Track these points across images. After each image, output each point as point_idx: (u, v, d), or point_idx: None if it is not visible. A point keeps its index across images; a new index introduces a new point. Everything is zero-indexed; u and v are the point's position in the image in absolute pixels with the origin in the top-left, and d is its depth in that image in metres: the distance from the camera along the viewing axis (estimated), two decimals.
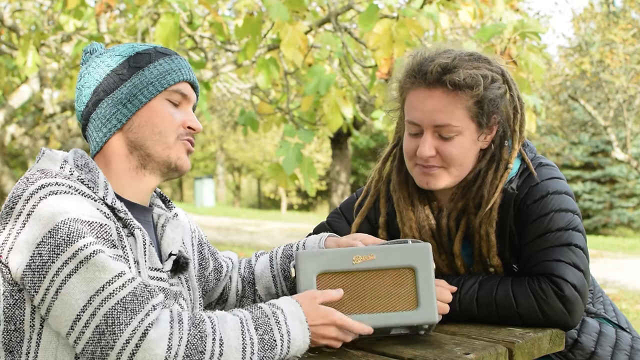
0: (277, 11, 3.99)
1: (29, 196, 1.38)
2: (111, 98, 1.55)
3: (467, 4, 4.52)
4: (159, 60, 1.58)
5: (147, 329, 1.28)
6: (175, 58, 1.61)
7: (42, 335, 1.38)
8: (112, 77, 1.55)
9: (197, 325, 1.33)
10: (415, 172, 1.87)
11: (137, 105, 1.54)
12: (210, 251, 1.87)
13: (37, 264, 1.33)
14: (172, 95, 1.57)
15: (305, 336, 1.44)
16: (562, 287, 1.69)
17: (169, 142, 1.56)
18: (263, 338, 1.38)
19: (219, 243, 12.62)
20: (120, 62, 1.56)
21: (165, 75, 1.56)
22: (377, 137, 24.38)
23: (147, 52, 1.59)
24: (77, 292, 1.31)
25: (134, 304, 1.31)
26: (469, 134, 1.80)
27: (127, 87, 1.55)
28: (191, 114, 1.62)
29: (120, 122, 1.54)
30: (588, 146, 21.65)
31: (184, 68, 1.60)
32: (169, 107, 1.57)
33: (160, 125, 1.55)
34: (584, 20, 16.92)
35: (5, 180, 7.05)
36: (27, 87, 6.47)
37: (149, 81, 1.55)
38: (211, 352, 1.32)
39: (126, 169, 1.56)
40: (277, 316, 1.42)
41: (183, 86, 1.59)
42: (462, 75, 1.75)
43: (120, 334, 1.28)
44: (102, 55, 1.59)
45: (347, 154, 16.19)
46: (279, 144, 4.45)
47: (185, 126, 1.58)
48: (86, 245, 1.33)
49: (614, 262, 11.06)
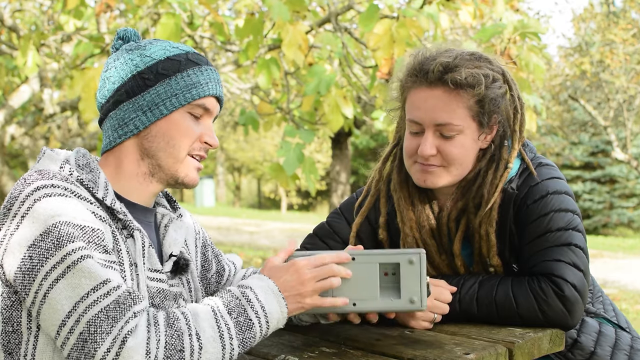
0: (278, 11, 3.99)
1: (25, 198, 1.38)
2: (133, 102, 1.52)
3: (467, 4, 4.53)
4: (187, 71, 1.53)
5: (126, 337, 1.28)
6: (206, 69, 1.56)
7: (39, 339, 1.38)
8: (137, 80, 1.52)
9: (172, 325, 1.33)
10: (413, 169, 1.87)
11: (158, 116, 1.52)
12: (214, 253, 1.86)
13: (27, 267, 1.33)
14: (195, 109, 1.54)
15: (281, 306, 1.42)
16: (562, 287, 1.70)
17: (180, 156, 1.54)
18: (238, 321, 1.38)
19: (219, 243, 12.62)
20: (149, 65, 1.53)
21: (192, 89, 1.53)
22: (377, 137, 24.37)
23: (178, 58, 1.54)
24: (63, 298, 1.31)
25: (116, 312, 1.30)
26: (470, 133, 1.80)
27: (151, 95, 1.52)
28: (210, 129, 1.58)
29: (137, 129, 1.52)
30: (588, 146, 21.64)
31: (212, 81, 1.56)
32: (189, 121, 1.54)
33: (176, 138, 1.53)
34: (584, 20, 16.91)
35: (5, 180, 7.05)
36: (27, 87, 6.47)
37: (173, 92, 1.52)
38: (190, 348, 1.31)
39: (134, 173, 1.55)
40: (247, 295, 1.41)
41: (208, 100, 1.56)
42: (463, 74, 1.75)
43: (102, 342, 1.28)
44: (132, 52, 1.55)
45: (347, 154, 16.18)
46: (280, 144, 4.44)
47: (202, 141, 1.56)
48: (74, 250, 1.32)
49: (614, 262, 11.06)
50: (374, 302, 1.50)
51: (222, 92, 1.61)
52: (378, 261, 1.51)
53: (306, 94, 4.46)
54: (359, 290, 1.50)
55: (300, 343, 1.63)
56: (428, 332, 1.69)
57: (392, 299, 1.50)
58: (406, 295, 1.50)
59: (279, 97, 6.08)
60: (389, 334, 1.67)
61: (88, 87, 4.33)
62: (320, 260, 1.47)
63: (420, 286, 1.49)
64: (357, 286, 1.50)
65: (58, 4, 5.59)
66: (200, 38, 5.63)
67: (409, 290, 1.50)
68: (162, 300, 1.52)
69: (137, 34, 1.62)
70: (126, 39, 1.60)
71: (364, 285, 1.50)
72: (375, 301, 1.50)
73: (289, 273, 1.46)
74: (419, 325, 1.72)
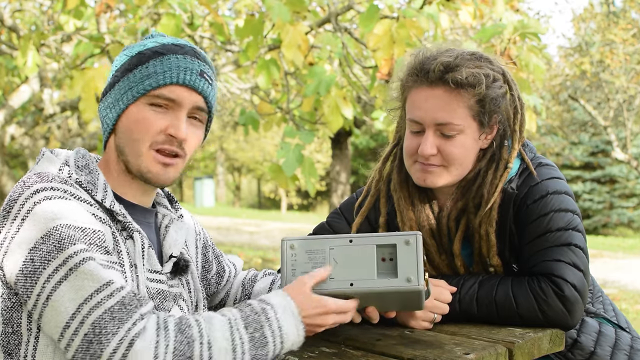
0: (278, 12, 3.99)
1: (24, 200, 1.38)
2: (104, 101, 1.55)
3: (467, 4, 4.53)
4: (149, 62, 1.50)
5: (134, 339, 1.27)
6: (169, 58, 1.50)
7: (39, 340, 1.38)
8: (111, 79, 1.54)
9: (184, 331, 1.31)
10: (413, 169, 1.87)
11: (118, 111, 1.51)
12: (215, 254, 1.86)
13: (29, 270, 1.33)
14: (155, 100, 1.48)
15: (299, 329, 1.41)
16: (562, 287, 1.70)
17: (140, 150, 1.49)
18: (253, 336, 1.36)
19: (219, 243, 12.62)
20: (122, 63, 1.54)
21: (146, 79, 1.48)
22: (377, 137, 24.37)
23: (146, 52, 1.52)
24: (67, 300, 1.30)
25: (121, 313, 1.29)
26: (470, 133, 1.81)
27: (115, 91, 1.52)
28: (178, 120, 1.49)
29: (108, 126, 1.53)
30: (588, 146, 21.64)
31: (174, 69, 1.49)
32: (148, 113, 1.48)
33: (135, 131, 1.49)
34: (584, 21, 16.91)
35: (5, 180, 7.05)
36: (27, 87, 6.47)
37: (130, 86, 1.50)
38: (200, 356, 1.30)
39: (119, 172, 1.55)
40: (267, 312, 1.39)
41: (169, 90, 1.48)
42: (464, 73, 1.75)
43: (108, 343, 1.27)
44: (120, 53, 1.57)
45: (347, 154, 16.18)
46: (280, 145, 4.44)
47: (166, 133, 1.49)
48: (77, 252, 1.32)
49: (614, 262, 11.06)
50: (371, 282, 1.52)
51: (197, 80, 1.50)
52: (375, 243, 1.54)
53: (306, 95, 4.45)
54: (356, 272, 1.52)
55: None
56: (428, 332, 1.69)
57: (389, 279, 1.52)
58: (403, 275, 1.51)
59: (279, 97, 6.08)
60: (389, 334, 1.67)
61: (88, 87, 4.34)
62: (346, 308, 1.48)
63: (417, 266, 1.51)
64: (355, 268, 1.53)
65: (58, 4, 5.59)
66: (200, 38, 5.63)
67: (406, 270, 1.52)
68: (162, 301, 1.52)
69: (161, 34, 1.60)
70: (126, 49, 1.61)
71: (361, 267, 1.53)
72: (372, 281, 1.52)
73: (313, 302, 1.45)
74: (419, 325, 1.72)
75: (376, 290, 1.52)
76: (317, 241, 1.56)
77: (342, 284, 1.52)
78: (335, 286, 1.51)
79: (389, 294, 1.53)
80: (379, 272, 1.53)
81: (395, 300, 1.59)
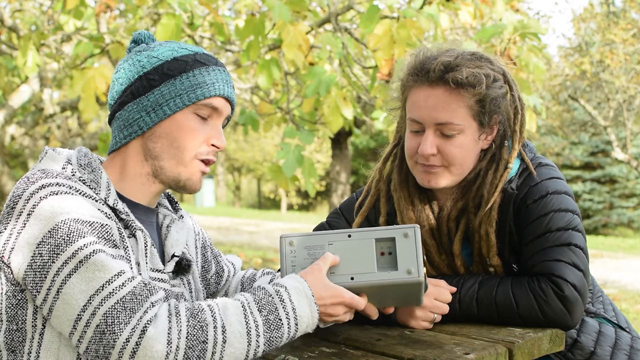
0: (279, 12, 3.99)
1: (29, 196, 1.38)
2: (137, 103, 1.52)
3: (467, 4, 4.53)
4: (194, 70, 1.52)
5: (146, 326, 1.28)
6: (214, 69, 1.54)
7: (44, 336, 1.38)
8: (143, 81, 1.52)
9: (196, 316, 1.32)
10: (416, 170, 1.87)
11: (161, 116, 1.51)
12: (213, 254, 1.87)
13: (38, 264, 1.34)
14: (201, 110, 1.52)
15: (313, 311, 1.42)
16: (562, 287, 1.70)
17: (184, 159, 1.52)
18: (268, 319, 1.37)
19: (219, 243, 12.62)
20: (155, 66, 1.52)
21: (197, 89, 1.51)
22: (377, 137, 24.37)
23: (185, 58, 1.53)
24: (77, 292, 1.31)
25: (133, 303, 1.30)
26: (471, 133, 1.81)
27: (155, 95, 1.51)
28: (218, 130, 1.55)
29: (141, 129, 1.52)
30: (588, 146, 21.64)
31: (219, 82, 1.54)
32: (195, 122, 1.52)
33: (180, 140, 1.51)
34: (584, 21, 16.91)
35: (5, 180, 7.05)
36: (27, 87, 6.47)
37: (177, 92, 1.50)
38: (214, 340, 1.31)
39: (138, 174, 1.55)
40: (281, 294, 1.40)
41: (215, 100, 1.53)
42: (464, 73, 1.75)
43: (120, 333, 1.27)
44: (141, 54, 1.55)
45: (347, 154, 16.18)
46: (280, 146, 4.44)
47: (208, 143, 1.54)
48: (86, 244, 1.33)
49: (614, 262, 11.06)
50: (371, 275, 1.52)
51: (232, 93, 1.58)
52: (374, 237, 1.54)
53: (306, 95, 4.45)
54: (356, 266, 1.53)
55: (300, 343, 1.63)
56: (428, 332, 1.69)
57: (390, 272, 1.52)
58: (403, 267, 1.52)
59: (279, 97, 6.08)
60: (389, 334, 1.67)
61: (88, 87, 4.34)
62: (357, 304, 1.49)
63: (416, 258, 1.52)
64: (355, 262, 1.53)
65: (58, 4, 5.59)
66: (200, 38, 5.63)
67: (406, 262, 1.52)
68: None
69: (151, 37, 1.61)
70: (139, 42, 1.60)
71: (361, 261, 1.53)
72: (373, 274, 1.52)
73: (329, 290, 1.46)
74: (419, 325, 1.72)
75: (377, 283, 1.53)
76: (316, 237, 1.56)
77: (342, 278, 1.52)
78: (336, 281, 1.51)
79: (390, 287, 1.54)
80: (379, 265, 1.53)
81: (395, 294, 1.59)
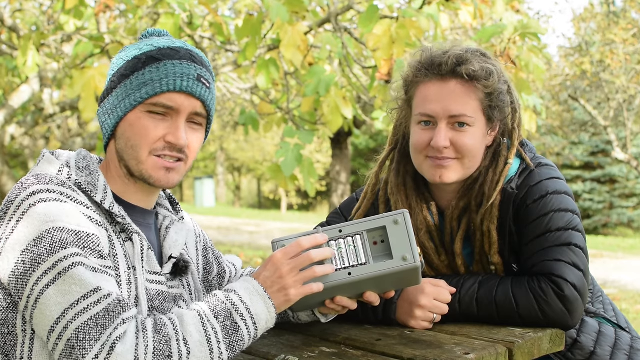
0: (277, 12, 3.99)
1: (21, 202, 1.38)
2: (102, 107, 1.55)
3: (467, 5, 4.53)
4: (146, 68, 1.48)
5: (115, 343, 1.28)
6: (165, 64, 1.48)
7: (35, 341, 1.38)
8: (109, 84, 1.53)
9: (160, 331, 1.33)
10: (426, 165, 1.86)
11: (116, 118, 1.51)
12: (215, 255, 1.86)
13: (20, 271, 1.34)
14: (153, 108, 1.48)
15: (268, 306, 1.42)
16: (562, 287, 1.70)
17: (141, 157, 1.49)
18: (225, 324, 1.38)
19: (219, 243, 12.62)
20: (118, 67, 1.52)
21: (142, 88, 1.47)
22: (377, 137, 24.37)
23: (141, 56, 1.50)
24: (53, 304, 1.31)
25: (105, 320, 1.30)
26: (480, 127, 1.83)
27: (113, 98, 1.51)
28: (177, 127, 1.49)
29: (107, 132, 1.53)
30: (588, 146, 21.64)
31: (171, 76, 1.47)
32: (147, 120, 1.48)
33: (133, 139, 1.49)
34: (584, 20, 16.91)
35: (5, 180, 7.05)
36: (27, 87, 6.47)
37: (127, 93, 1.49)
38: (179, 353, 1.32)
39: (119, 175, 1.55)
40: (231, 298, 1.41)
41: (167, 97, 1.47)
42: (476, 66, 1.79)
43: (90, 349, 1.28)
44: (117, 55, 1.56)
45: (347, 154, 16.18)
46: (279, 145, 4.44)
47: (165, 140, 1.49)
48: (66, 256, 1.32)
49: (614, 262, 11.06)
50: (368, 267, 1.52)
51: (196, 86, 1.49)
52: (364, 229, 1.54)
53: (306, 95, 4.45)
54: (352, 261, 1.53)
55: (300, 343, 1.64)
56: (428, 332, 1.69)
57: (385, 261, 1.52)
58: (398, 255, 1.52)
59: (279, 97, 6.08)
60: (389, 334, 1.67)
61: (88, 87, 4.33)
62: (297, 248, 1.47)
63: (410, 243, 1.52)
64: (350, 257, 1.53)
65: (58, 4, 5.59)
66: (200, 38, 5.62)
67: (400, 249, 1.52)
68: (162, 303, 1.52)
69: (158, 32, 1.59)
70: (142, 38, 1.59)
71: (355, 255, 1.53)
72: (369, 266, 1.52)
73: (267, 269, 1.46)
74: (419, 325, 1.72)
75: (375, 274, 1.53)
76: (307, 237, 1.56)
77: (340, 275, 1.52)
78: (334, 278, 1.51)
79: (388, 276, 1.54)
80: (374, 256, 1.53)
81: (394, 280, 1.59)
